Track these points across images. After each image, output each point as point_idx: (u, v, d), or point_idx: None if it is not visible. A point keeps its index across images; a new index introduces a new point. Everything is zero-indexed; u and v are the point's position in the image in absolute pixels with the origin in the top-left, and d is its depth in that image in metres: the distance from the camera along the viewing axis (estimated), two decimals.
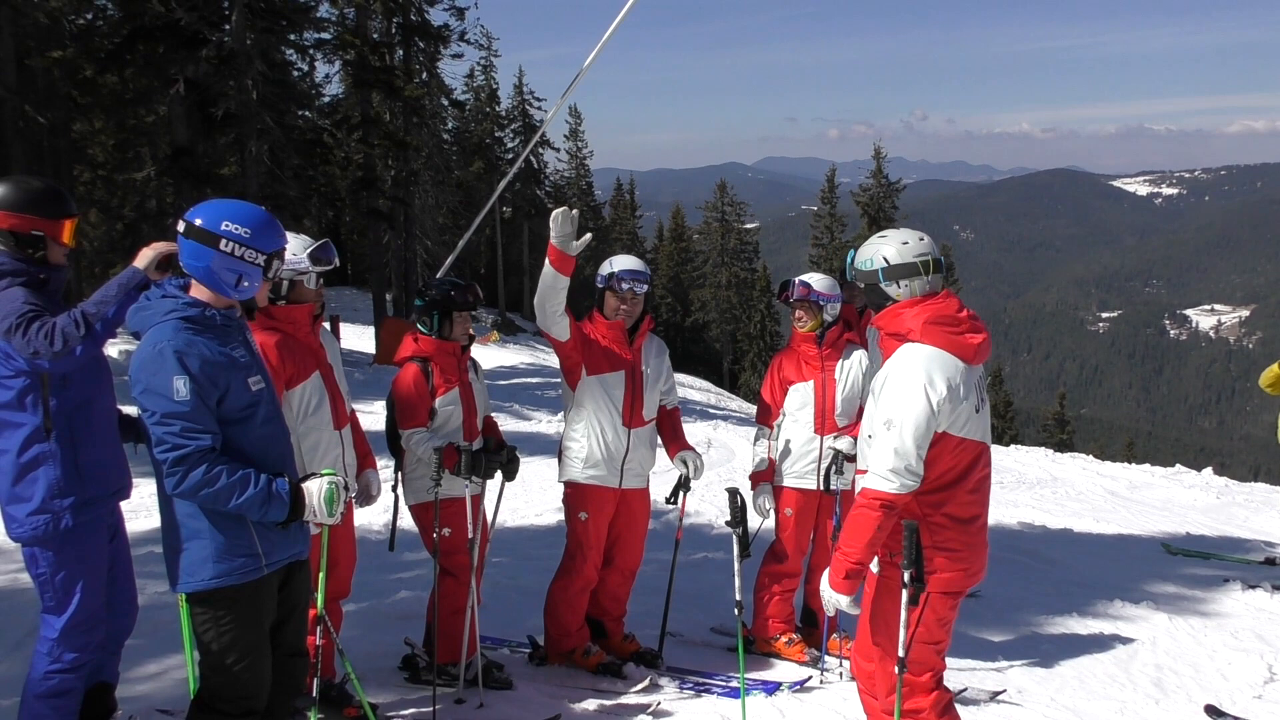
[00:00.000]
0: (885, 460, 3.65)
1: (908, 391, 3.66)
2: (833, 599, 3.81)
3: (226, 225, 3.43)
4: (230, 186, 20.18)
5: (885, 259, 3.83)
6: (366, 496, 4.94)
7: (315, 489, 3.52)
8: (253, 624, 3.52)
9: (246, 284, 3.50)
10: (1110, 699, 5.59)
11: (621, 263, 5.45)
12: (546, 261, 5.02)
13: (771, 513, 5.87)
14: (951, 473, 3.75)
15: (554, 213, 4.91)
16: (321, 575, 4.12)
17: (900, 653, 3.82)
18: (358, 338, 29.50)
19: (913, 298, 3.80)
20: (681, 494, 5.74)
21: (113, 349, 14.48)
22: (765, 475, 5.86)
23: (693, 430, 16.71)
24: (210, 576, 3.42)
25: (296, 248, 4.48)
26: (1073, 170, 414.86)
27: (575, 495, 5.53)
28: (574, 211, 4.95)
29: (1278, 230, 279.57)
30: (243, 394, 3.46)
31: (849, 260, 3.99)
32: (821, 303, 5.74)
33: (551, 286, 5.05)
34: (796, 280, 5.82)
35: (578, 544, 5.56)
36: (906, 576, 3.67)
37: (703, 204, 64.72)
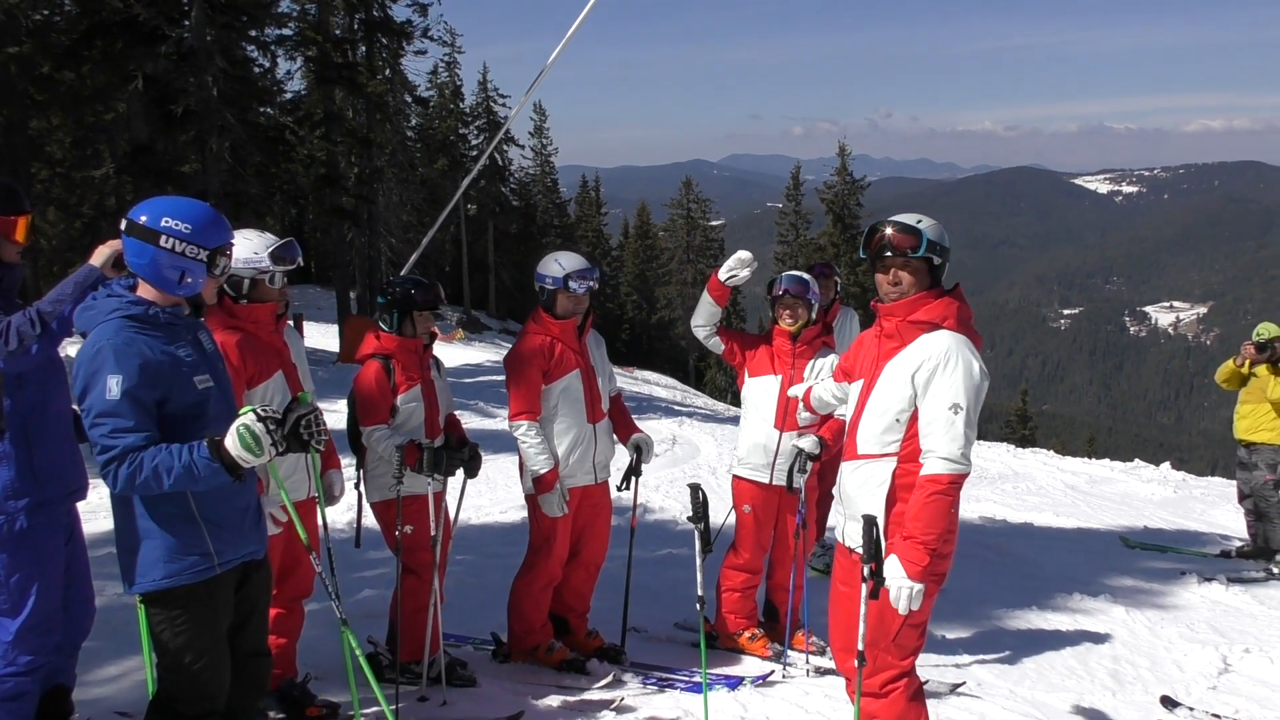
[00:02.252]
0: (958, 443, 3.64)
1: (970, 375, 3.70)
2: (912, 592, 3.63)
3: (167, 221, 3.39)
4: (191, 184, 19.98)
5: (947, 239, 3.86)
6: (329, 496, 4.92)
7: (231, 444, 3.31)
8: (208, 624, 3.50)
9: (190, 280, 3.45)
10: (1069, 690, 5.66)
11: (570, 262, 5.45)
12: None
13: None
14: None
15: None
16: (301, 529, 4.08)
17: (860, 646, 3.85)
18: (322, 336, 29.32)
19: (939, 286, 3.85)
20: (634, 478, 5.76)
21: (72, 348, 14.32)
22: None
23: (658, 427, 16.72)
24: (162, 576, 3.40)
25: (259, 246, 4.45)
26: (1035, 168, 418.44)
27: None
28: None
29: (1235, 228, 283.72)
30: (188, 393, 3.42)
31: (924, 235, 3.76)
32: (813, 300, 5.78)
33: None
34: (785, 275, 5.84)
35: (543, 540, 5.56)
36: (866, 571, 3.67)
37: (668, 201, 64.69)
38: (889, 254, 3.80)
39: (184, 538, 3.41)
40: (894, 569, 3.66)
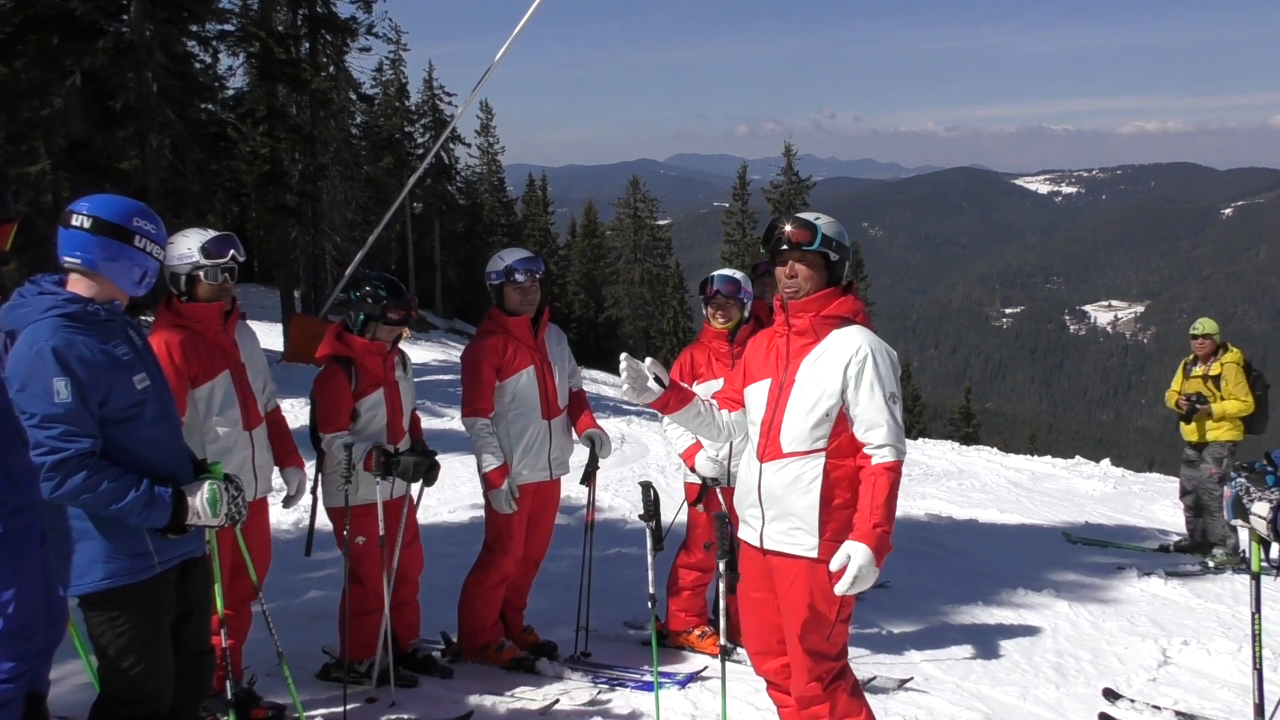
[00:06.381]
0: (896, 431, 3.74)
1: (895, 365, 3.83)
2: (871, 575, 3.62)
3: (138, 222, 3.42)
4: (130, 181, 19.58)
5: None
6: (288, 498, 4.93)
7: (197, 489, 3.47)
8: (150, 624, 3.45)
9: (149, 279, 3.48)
10: (1014, 684, 5.74)
11: (512, 254, 5.48)
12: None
13: (715, 464, 5.70)
14: None
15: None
16: (251, 569, 4.07)
17: (722, 640, 4.31)
18: (266, 335, 28.87)
19: (840, 284, 3.90)
20: (591, 473, 5.77)
21: None
22: (695, 445, 5.71)
23: (607, 426, 16.65)
24: (101, 578, 3.35)
25: (194, 242, 4.40)
26: (977, 169, 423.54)
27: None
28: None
29: (1171, 228, 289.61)
30: (127, 393, 3.38)
31: (819, 230, 3.78)
32: (745, 299, 5.79)
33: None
34: (717, 275, 5.86)
35: (497, 537, 5.54)
36: (722, 566, 3.84)
37: (615, 200, 64.67)
38: (785, 248, 3.85)
39: (122, 538, 3.37)
40: (860, 552, 3.60)
